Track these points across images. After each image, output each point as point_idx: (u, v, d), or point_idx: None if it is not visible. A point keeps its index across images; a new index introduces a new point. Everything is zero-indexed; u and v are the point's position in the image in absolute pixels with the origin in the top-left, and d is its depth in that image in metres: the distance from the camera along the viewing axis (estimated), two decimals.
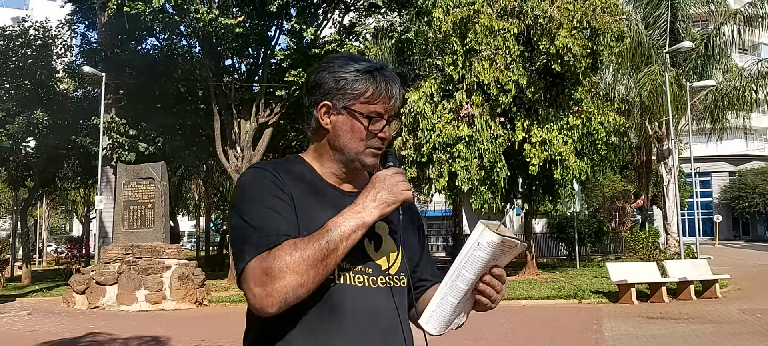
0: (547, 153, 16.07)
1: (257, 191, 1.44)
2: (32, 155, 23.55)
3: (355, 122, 1.50)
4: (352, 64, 1.52)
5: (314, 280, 1.35)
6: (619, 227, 29.79)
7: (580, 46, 15.49)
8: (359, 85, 1.49)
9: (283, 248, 1.35)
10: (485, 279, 1.46)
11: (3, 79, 22.76)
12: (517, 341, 9.28)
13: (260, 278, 1.34)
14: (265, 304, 1.34)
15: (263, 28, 21.00)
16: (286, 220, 1.41)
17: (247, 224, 1.40)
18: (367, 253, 1.51)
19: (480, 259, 1.41)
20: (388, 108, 1.52)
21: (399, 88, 1.54)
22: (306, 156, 1.58)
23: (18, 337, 10.67)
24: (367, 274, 1.49)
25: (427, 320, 1.47)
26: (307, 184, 1.51)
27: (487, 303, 1.50)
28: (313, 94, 1.53)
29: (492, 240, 1.38)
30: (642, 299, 13.76)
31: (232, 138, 20.59)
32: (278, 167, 1.51)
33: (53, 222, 51.08)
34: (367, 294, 1.48)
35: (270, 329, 1.44)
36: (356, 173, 1.57)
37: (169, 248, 15.61)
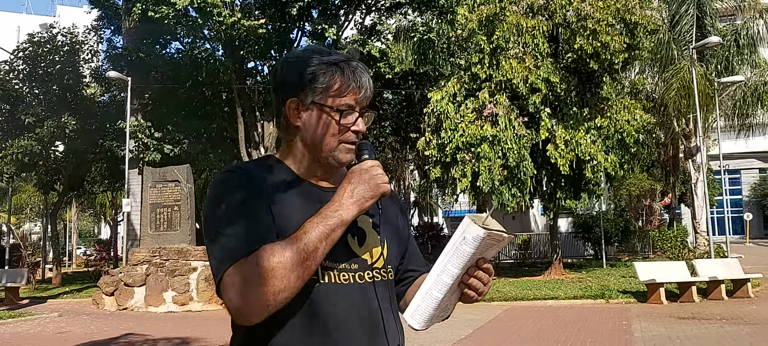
0: (573, 153, 15.92)
1: (230, 195, 1.37)
2: (61, 159, 23.93)
3: (326, 117, 1.44)
4: (316, 56, 1.46)
5: (295, 284, 1.30)
6: (646, 225, 29.39)
7: (618, 42, 15.35)
8: (327, 78, 1.44)
9: (260, 253, 1.29)
10: (471, 272, 1.43)
11: (32, 84, 23.19)
12: (546, 342, 9.18)
13: (239, 288, 1.28)
14: (246, 314, 1.29)
15: (285, 31, 21.11)
16: (262, 223, 1.35)
17: (221, 230, 1.33)
18: (351, 249, 1.46)
19: (466, 253, 1.38)
20: (358, 99, 1.46)
21: (368, 79, 1.48)
22: (279, 155, 1.53)
23: (50, 338, 10.84)
24: (353, 270, 1.45)
25: (411, 314, 1.44)
26: (283, 183, 1.45)
27: (474, 296, 1.47)
28: (281, 92, 1.48)
29: (477, 234, 1.36)
30: (671, 299, 13.54)
31: (256, 140, 20.72)
32: (251, 168, 1.46)
33: (82, 225, 51.88)
34: (353, 291, 1.43)
35: (256, 335, 1.39)
36: (333, 168, 1.51)
37: (195, 250, 15.76)
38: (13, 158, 21.63)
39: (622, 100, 16.76)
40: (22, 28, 49.02)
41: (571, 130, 16.17)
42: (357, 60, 1.49)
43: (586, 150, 15.87)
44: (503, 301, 13.66)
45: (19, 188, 35.11)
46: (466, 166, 16.12)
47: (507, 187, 15.85)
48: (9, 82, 22.69)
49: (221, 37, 19.07)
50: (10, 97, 22.50)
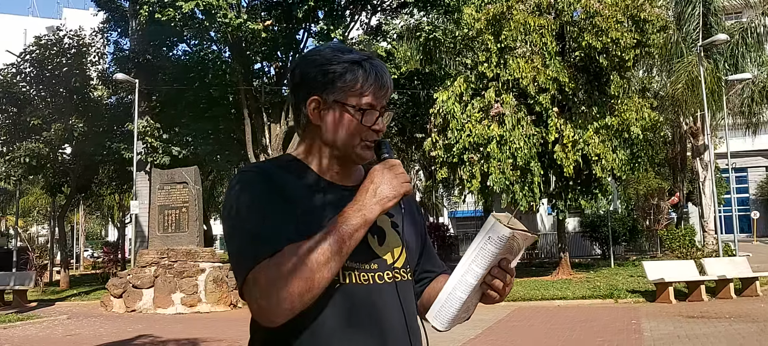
0: (580, 153, 15.88)
1: (250, 195, 1.36)
2: (69, 162, 24.04)
3: (347, 116, 1.43)
4: (338, 55, 1.45)
5: (319, 284, 1.29)
6: (653, 225, 29.30)
7: (628, 38, 15.32)
8: (349, 76, 1.42)
9: (283, 254, 1.28)
10: (494, 272, 1.41)
11: (39, 87, 23.28)
12: (556, 342, 9.16)
13: (263, 289, 1.27)
14: (271, 315, 1.29)
15: (291, 32, 21.16)
16: (283, 224, 1.34)
17: (243, 231, 1.33)
18: (372, 248, 1.45)
19: (490, 253, 1.37)
20: (379, 98, 1.45)
21: (389, 77, 1.48)
22: (297, 154, 1.51)
23: (59, 341, 10.89)
24: (373, 270, 1.43)
25: (434, 315, 1.43)
26: (302, 182, 1.44)
27: (495, 297, 1.45)
28: (301, 90, 1.46)
29: (503, 234, 1.34)
30: (680, 298, 13.49)
31: (263, 142, 20.77)
32: (270, 168, 1.45)
33: (89, 228, 52.07)
34: (374, 292, 1.42)
35: (276, 337, 1.38)
36: (351, 167, 1.51)
37: (203, 252, 15.80)
38: (21, 161, 21.74)
39: (630, 99, 16.72)
40: (29, 30, 49.21)
41: (579, 129, 16.13)
42: (377, 59, 1.48)
43: (594, 150, 15.83)
44: (511, 301, 13.64)
45: (27, 191, 35.26)
46: (475, 166, 16.10)
47: (519, 186, 15.83)
48: (16, 85, 22.78)
49: (227, 38, 19.14)
50: (18, 100, 22.60)
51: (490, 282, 1.42)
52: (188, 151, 21.19)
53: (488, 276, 1.41)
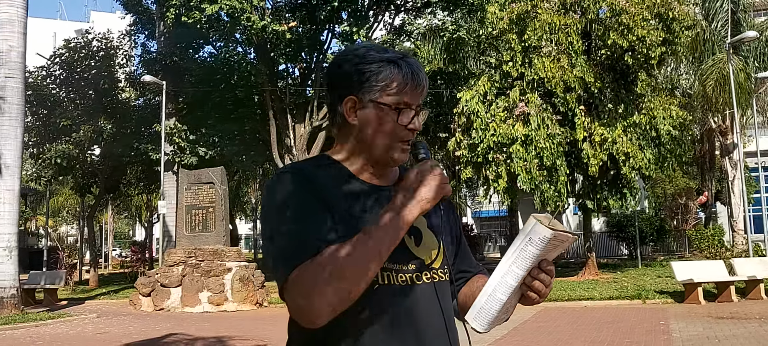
0: (608, 152, 15.73)
1: (289, 196, 1.36)
2: (97, 163, 24.45)
3: (383, 115, 1.42)
4: (374, 54, 1.44)
5: (360, 286, 1.29)
6: (681, 224, 28.90)
7: (654, 36, 15.15)
8: (385, 76, 1.42)
9: (324, 256, 1.28)
10: (534, 273, 1.40)
11: (69, 89, 23.72)
12: (583, 342, 9.10)
13: (304, 290, 1.27)
14: (313, 316, 1.29)
15: (315, 33, 21.27)
16: (323, 224, 1.33)
17: (283, 232, 1.33)
18: (409, 249, 1.44)
19: (531, 254, 1.36)
20: (415, 97, 1.44)
21: (425, 76, 1.46)
22: (333, 154, 1.51)
23: (90, 339, 11.08)
24: (411, 271, 1.43)
25: (474, 316, 1.42)
26: (339, 182, 1.43)
27: (535, 298, 1.44)
28: (337, 90, 1.45)
29: (544, 235, 1.33)
30: (709, 298, 13.31)
31: (288, 142, 20.91)
32: (307, 168, 1.45)
33: (117, 227, 52.84)
34: (412, 292, 1.42)
35: (314, 339, 1.38)
36: (386, 167, 1.50)
37: (229, 251, 15.96)
38: (51, 162, 22.16)
39: (657, 97, 16.53)
40: (58, 34, 50.08)
41: (608, 128, 15.97)
42: (413, 58, 1.48)
43: (622, 149, 15.67)
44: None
45: (56, 191, 35.90)
46: (500, 166, 16.03)
47: (548, 186, 15.72)
48: (46, 88, 23.25)
49: (252, 40, 19.30)
50: (48, 102, 23.04)
51: (530, 283, 1.41)
52: (214, 151, 21.42)
53: (528, 277, 1.40)
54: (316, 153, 20.54)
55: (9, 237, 14.41)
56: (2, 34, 14.80)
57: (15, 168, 14.73)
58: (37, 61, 25.61)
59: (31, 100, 21.77)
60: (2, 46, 14.78)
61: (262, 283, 15.98)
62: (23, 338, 11.31)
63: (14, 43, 14.83)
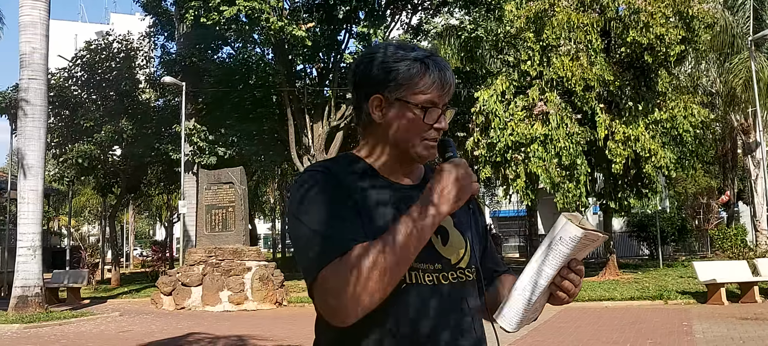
0: (631, 149, 15.58)
1: (317, 194, 1.36)
2: (119, 163, 24.72)
3: (409, 114, 1.41)
4: (401, 52, 1.43)
5: (389, 284, 1.29)
6: (703, 224, 28.55)
7: (674, 34, 14.98)
8: (411, 74, 1.41)
9: (354, 253, 1.27)
10: (563, 273, 1.38)
11: (90, 90, 24.01)
12: (604, 343, 9.03)
13: (333, 289, 1.27)
14: (342, 315, 1.28)
15: (333, 33, 21.33)
16: (351, 223, 1.33)
17: (312, 231, 1.32)
18: (436, 248, 1.43)
19: (562, 254, 1.34)
20: (441, 96, 1.43)
21: (452, 74, 1.45)
22: (359, 152, 1.50)
23: (113, 337, 11.21)
24: (437, 271, 1.42)
25: (503, 316, 1.41)
26: (366, 181, 1.43)
27: (564, 298, 1.42)
28: (363, 88, 1.45)
29: (575, 234, 1.32)
30: (732, 299, 13.14)
31: (306, 142, 20.98)
32: (334, 167, 1.44)
33: (138, 227, 53.37)
34: (438, 292, 1.41)
35: (342, 338, 1.38)
36: (412, 165, 1.49)
37: (249, 250, 16.07)
38: (73, 162, 22.44)
39: (678, 95, 16.35)
40: (80, 36, 50.68)
41: (630, 126, 15.81)
42: (440, 56, 1.47)
43: (646, 146, 15.50)
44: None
45: (78, 191, 36.36)
46: (519, 166, 15.95)
47: (572, 185, 15.61)
48: (68, 89, 23.54)
49: (270, 41, 19.40)
50: (70, 104, 23.34)
51: (559, 283, 1.40)
52: (233, 151, 21.56)
53: (557, 277, 1.39)
54: (335, 153, 20.66)
55: (33, 237, 14.61)
56: (25, 36, 15.02)
57: (38, 168, 14.93)
58: (59, 63, 25.96)
59: (54, 102, 22.05)
60: (25, 48, 14.99)
61: (281, 282, 16.07)
62: (48, 336, 11.47)
63: (37, 46, 15.04)
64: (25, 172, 14.74)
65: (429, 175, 1.53)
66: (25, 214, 14.67)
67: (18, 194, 14.97)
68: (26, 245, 14.50)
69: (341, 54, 21.21)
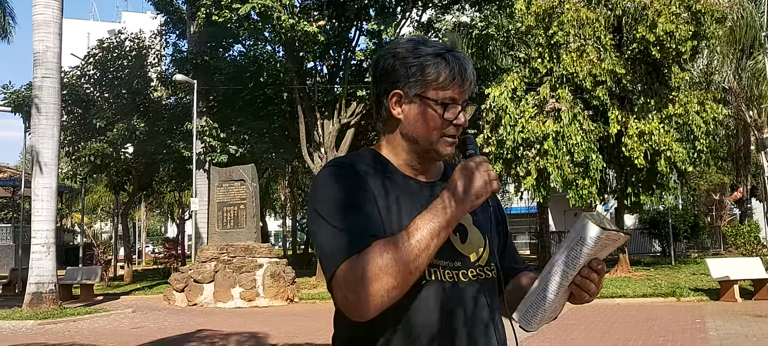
0: (648, 145, 15.48)
1: (338, 189, 1.36)
2: (131, 161, 24.86)
3: (429, 110, 1.41)
4: (421, 47, 1.42)
5: (409, 281, 1.29)
6: (716, 221, 28.36)
7: (684, 30, 14.85)
8: (431, 70, 1.40)
9: (373, 249, 1.28)
10: (584, 272, 1.38)
11: (102, 89, 24.16)
12: (616, 340, 9.00)
13: (353, 284, 1.27)
14: (361, 310, 1.28)
15: (343, 30, 21.33)
16: (372, 218, 1.34)
17: (332, 225, 1.32)
18: (454, 246, 1.43)
19: (583, 253, 1.34)
20: (462, 92, 1.42)
21: (472, 70, 1.44)
22: (378, 148, 1.50)
23: (126, 333, 11.30)
24: (457, 268, 1.42)
25: (522, 315, 1.41)
26: (385, 177, 1.43)
27: (585, 297, 1.42)
28: (382, 83, 1.44)
29: (597, 234, 1.31)
30: (746, 296, 13.05)
31: (316, 139, 21.02)
32: (354, 162, 1.44)
33: (150, 224, 53.68)
34: (457, 289, 1.41)
35: (360, 334, 1.38)
36: (431, 162, 1.49)
37: (260, 247, 16.13)
38: (86, 160, 22.59)
39: (691, 90, 16.21)
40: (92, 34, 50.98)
41: (644, 121, 15.71)
42: (460, 51, 1.46)
43: (660, 140, 15.40)
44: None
45: (91, 189, 36.60)
46: (530, 163, 15.90)
47: (589, 182, 15.53)
48: (81, 87, 23.69)
49: (281, 39, 19.43)
50: (83, 102, 23.50)
51: (580, 283, 1.40)
52: (244, 149, 21.63)
53: (578, 277, 1.39)
54: (345, 150, 20.68)
55: (47, 234, 14.74)
56: (39, 35, 15.14)
57: (52, 166, 15.06)
58: (71, 62, 26.14)
59: (67, 100, 22.20)
60: (39, 46, 15.12)
61: (292, 279, 16.12)
62: (62, 332, 11.58)
63: (50, 44, 15.16)
64: (39, 169, 14.87)
65: (448, 172, 1.53)
66: (39, 211, 14.80)
67: (32, 191, 15.12)
68: (40, 242, 14.64)
69: (352, 51, 21.21)
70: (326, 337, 9.88)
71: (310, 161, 20.88)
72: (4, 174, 32.79)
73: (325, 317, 12.39)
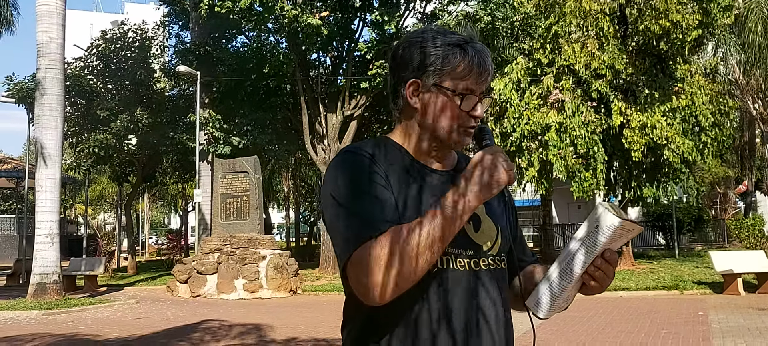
0: (649, 137, 15.42)
1: (354, 175, 1.37)
2: (134, 152, 24.89)
3: (446, 100, 1.41)
4: (440, 37, 1.43)
5: (423, 268, 1.30)
6: (720, 214, 28.28)
7: (690, 19, 14.71)
8: (450, 60, 1.41)
9: (389, 235, 1.29)
10: (597, 262, 1.38)
11: (106, 80, 24.16)
12: (619, 333, 9.00)
13: (368, 269, 1.28)
14: (376, 295, 1.29)
15: (346, 22, 21.27)
16: (387, 205, 1.35)
17: (348, 211, 1.34)
18: (468, 235, 1.44)
19: (599, 243, 1.34)
20: (479, 83, 1.42)
21: (491, 62, 1.44)
22: (394, 136, 1.51)
23: (130, 323, 11.33)
24: (468, 256, 1.43)
25: (535, 303, 1.42)
26: (400, 165, 1.44)
27: (597, 287, 1.42)
28: (400, 72, 1.45)
29: (613, 224, 1.32)
30: (749, 289, 13.04)
31: (320, 131, 21.00)
32: (370, 149, 1.44)
33: (153, 215, 53.81)
34: (469, 278, 1.42)
35: (372, 320, 1.39)
36: (446, 151, 1.50)
37: (263, 239, 16.16)
38: (90, 151, 22.62)
39: (696, 81, 16.12)
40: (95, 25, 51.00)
41: (646, 113, 15.64)
42: (480, 42, 1.46)
43: (662, 133, 15.33)
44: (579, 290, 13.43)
45: (95, 180, 36.69)
46: (533, 155, 15.87)
47: (590, 174, 15.49)
48: (84, 78, 23.68)
49: (284, 30, 19.39)
50: (86, 93, 23.49)
51: (593, 272, 1.40)
52: (248, 140, 21.62)
53: (591, 266, 1.39)
54: (349, 142, 20.65)
55: (50, 225, 14.78)
56: (42, 26, 15.13)
57: (56, 157, 15.08)
58: (74, 53, 26.12)
59: (70, 91, 22.19)
60: (42, 37, 15.11)
61: (295, 271, 16.15)
62: (66, 323, 11.62)
63: (53, 35, 15.15)
64: (43, 160, 14.89)
65: (462, 162, 1.54)
66: (43, 202, 14.83)
67: (36, 182, 15.14)
68: (44, 232, 14.67)
69: (355, 43, 21.15)
70: (329, 328, 9.92)
71: (313, 153, 20.87)
72: (8, 165, 32.88)
73: (328, 309, 12.41)
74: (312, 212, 36.21)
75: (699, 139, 16.06)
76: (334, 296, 15.18)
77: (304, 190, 36.06)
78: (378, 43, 19.45)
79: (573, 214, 32.86)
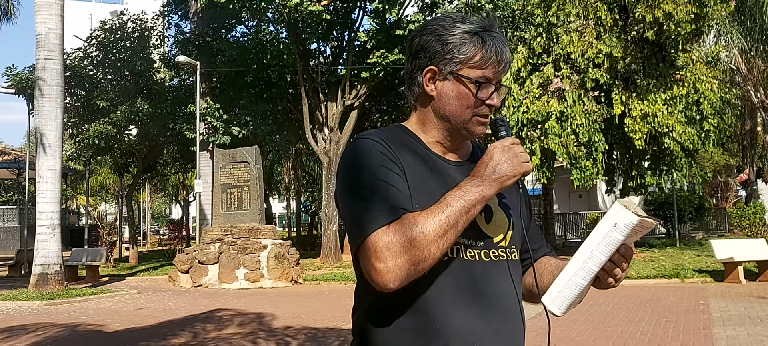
0: (650, 126, 15.37)
1: (367, 162, 1.38)
2: (135, 143, 24.88)
3: (463, 89, 1.41)
4: (458, 25, 1.42)
5: (435, 255, 1.30)
6: (721, 202, 28.27)
7: (684, 12, 14.63)
8: (467, 48, 1.40)
9: (403, 222, 1.30)
10: (614, 258, 1.38)
11: (105, 70, 24.10)
12: (619, 321, 9.01)
13: (381, 254, 1.29)
14: (387, 280, 1.29)
15: (347, 11, 21.19)
16: (402, 192, 1.35)
17: (362, 197, 1.34)
18: (479, 226, 1.44)
19: (616, 240, 1.34)
20: (496, 72, 1.42)
21: (508, 51, 1.44)
22: (408, 124, 1.51)
23: (131, 313, 11.36)
24: (479, 247, 1.43)
25: (552, 299, 1.41)
26: (415, 154, 1.44)
27: (612, 283, 1.42)
28: (418, 59, 1.45)
29: (630, 221, 1.31)
30: (750, 278, 13.05)
31: (320, 121, 20.97)
32: (385, 136, 1.44)
33: (154, 206, 53.86)
34: (481, 268, 1.42)
35: (382, 306, 1.40)
36: (461, 141, 1.50)
37: (264, 229, 16.17)
38: (90, 142, 22.61)
39: (698, 70, 16.06)
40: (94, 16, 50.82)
41: (647, 102, 15.58)
42: (498, 31, 1.46)
43: (664, 122, 15.28)
44: None
45: (96, 171, 36.70)
46: (534, 143, 15.84)
47: (591, 163, 15.46)
48: (84, 69, 23.64)
49: (284, 19, 19.32)
50: (86, 83, 23.46)
51: (609, 269, 1.40)
52: (248, 131, 21.61)
53: (608, 263, 1.39)
54: (349, 132, 20.62)
55: (52, 215, 14.79)
56: (41, 16, 15.08)
57: (56, 148, 15.07)
58: (74, 43, 26.06)
59: (70, 82, 22.16)
60: (41, 28, 15.06)
61: (296, 260, 16.17)
62: (68, 313, 11.65)
63: (52, 26, 15.10)
64: (43, 151, 14.88)
65: (477, 152, 1.55)
66: (43, 193, 14.84)
67: (36, 173, 15.14)
68: (45, 223, 14.69)
69: (355, 32, 21.08)
70: (330, 317, 9.92)
71: (313, 143, 20.85)
72: (9, 156, 32.89)
73: (329, 299, 12.44)
74: (313, 202, 36.23)
75: (700, 128, 16.01)
76: (335, 285, 15.20)
77: (304, 180, 36.05)
78: (378, 32, 19.38)
79: (574, 203, 32.86)
